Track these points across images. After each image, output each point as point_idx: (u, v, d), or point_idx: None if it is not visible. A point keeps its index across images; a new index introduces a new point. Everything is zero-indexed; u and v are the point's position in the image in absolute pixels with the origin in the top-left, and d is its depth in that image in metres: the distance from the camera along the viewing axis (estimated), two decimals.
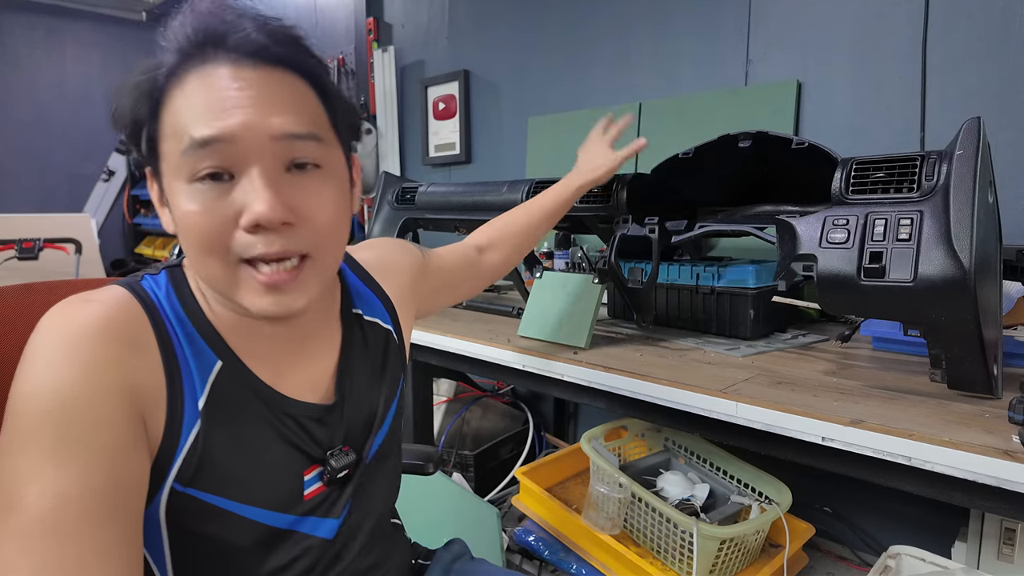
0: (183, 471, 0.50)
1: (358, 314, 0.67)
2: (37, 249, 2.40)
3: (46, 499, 0.41)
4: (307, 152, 0.50)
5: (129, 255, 4.76)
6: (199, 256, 0.49)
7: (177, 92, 0.48)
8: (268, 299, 0.49)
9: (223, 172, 0.47)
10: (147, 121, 0.49)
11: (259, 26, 0.48)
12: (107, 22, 4.80)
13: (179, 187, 0.48)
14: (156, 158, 0.50)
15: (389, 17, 2.81)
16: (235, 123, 0.46)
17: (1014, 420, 0.70)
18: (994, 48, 1.31)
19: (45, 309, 0.62)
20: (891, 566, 0.99)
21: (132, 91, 0.49)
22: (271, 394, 0.55)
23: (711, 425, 0.91)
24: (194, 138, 0.46)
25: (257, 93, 0.47)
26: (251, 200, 0.47)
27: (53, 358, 0.45)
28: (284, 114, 0.48)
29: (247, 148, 0.47)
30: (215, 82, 0.47)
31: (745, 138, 1.05)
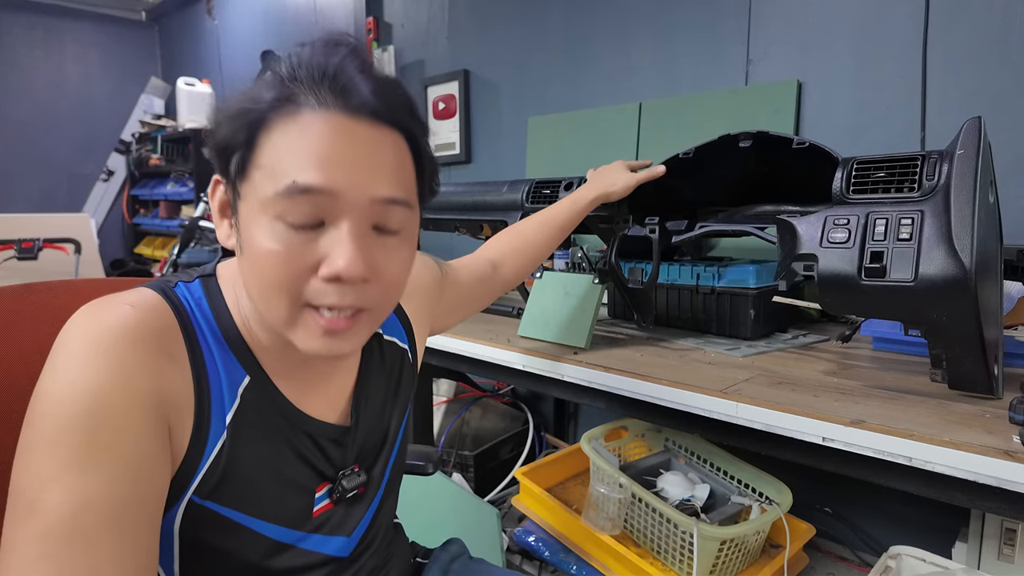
0: (204, 483, 0.50)
1: (377, 332, 0.67)
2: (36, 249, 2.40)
3: (69, 505, 0.41)
4: (396, 218, 0.50)
5: (128, 255, 4.75)
6: (266, 292, 0.48)
7: (284, 126, 0.47)
8: (322, 342, 0.49)
9: (312, 220, 0.47)
10: (242, 145, 0.48)
11: (377, 87, 0.48)
12: (107, 22, 4.80)
13: (262, 221, 0.47)
14: (240, 181, 0.49)
15: (389, 17, 2.81)
16: (342, 179, 0.46)
17: (1015, 420, 0.70)
18: (994, 48, 1.30)
19: (45, 309, 0.62)
20: (891, 566, 0.99)
21: (236, 116, 0.48)
22: (294, 412, 0.56)
23: (711, 425, 0.91)
24: (297, 183, 0.45)
25: (366, 153, 0.47)
26: (337, 254, 0.47)
27: (85, 360, 0.44)
28: (387, 179, 0.48)
29: (345, 204, 0.47)
30: (328, 131, 0.46)
31: (745, 138, 1.05)
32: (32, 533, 0.41)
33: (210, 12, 4.30)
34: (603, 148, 2.00)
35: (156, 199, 4.48)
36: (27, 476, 0.43)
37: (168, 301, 0.51)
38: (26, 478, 0.43)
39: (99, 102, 4.73)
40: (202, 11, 4.40)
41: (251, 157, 0.48)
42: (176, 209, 4.35)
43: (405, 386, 0.70)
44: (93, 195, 4.77)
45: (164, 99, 4.89)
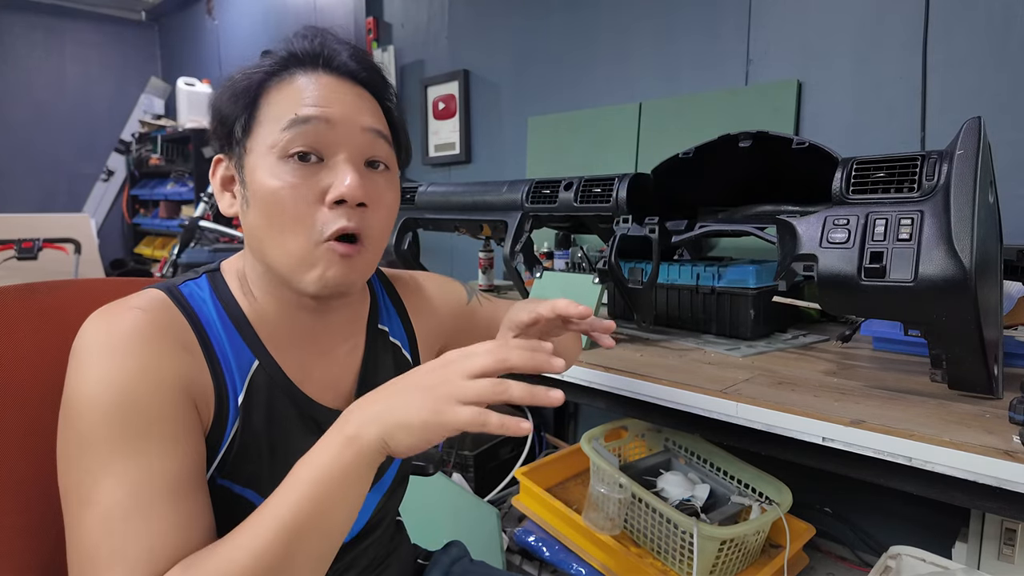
0: (223, 462, 0.54)
1: (384, 331, 0.70)
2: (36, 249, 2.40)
3: (122, 487, 0.45)
4: (382, 152, 0.58)
5: (128, 255, 4.76)
6: (280, 231, 0.54)
7: (279, 88, 0.55)
8: (335, 270, 0.54)
9: (313, 153, 0.54)
10: (243, 112, 0.55)
11: (353, 55, 0.58)
12: (107, 22, 4.80)
13: (267, 164, 0.53)
14: (245, 138, 0.56)
15: (389, 17, 2.81)
16: (334, 111, 0.54)
17: (1015, 420, 0.70)
18: (994, 48, 1.30)
19: (47, 309, 0.62)
20: (891, 566, 0.99)
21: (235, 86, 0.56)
22: (298, 394, 0.59)
23: (711, 425, 0.91)
24: (298, 115, 0.53)
25: (352, 98, 0.56)
26: (339, 179, 0.53)
27: (110, 358, 0.48)
28: (371, 114, 0.57)
29: (340, 133, 0.54)
30: (319, 83, 0.55)
31: (745, 138, 1.05)
32: (91, 521, 0.44)
33: (210, 12, 4.30)
34: (603, 148, 2.00)
35: (156, 199, 4.49)
36: (76, 475, 0.46)
37: (173, 299, 0.55)
38: (75, 477, 0.46)
39: (99, 102, 4.73)
40: (202, 11, 4.40)
41: (255, 115, 0.55)
42: (176, 209, 4.35)
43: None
44: (93, 195, 4.77)
45: (164, 99, 4.89)
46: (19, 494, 0.55)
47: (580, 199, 1.26)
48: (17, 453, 0.56)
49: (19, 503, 0.55)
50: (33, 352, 0.59)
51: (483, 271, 1.99)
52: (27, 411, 0.57)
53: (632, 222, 1.16)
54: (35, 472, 0.56)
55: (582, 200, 1.25)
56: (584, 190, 1.26)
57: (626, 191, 1.18)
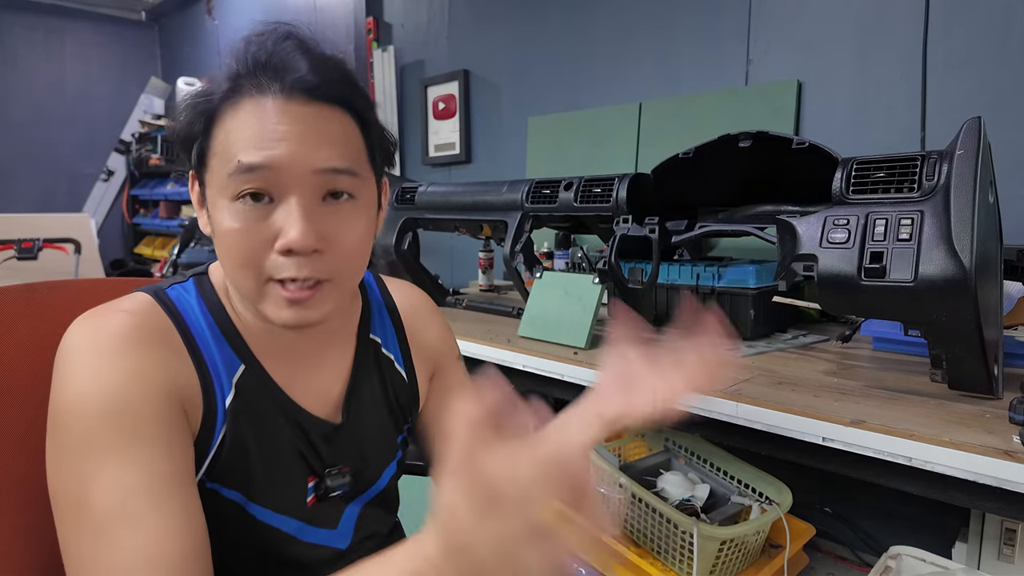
0: (212, 466, 0.53)
1: (375, 341, 0.68)
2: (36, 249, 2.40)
3: (114, 493, 0.44)
4: (344, 185, 0.52)
5: (128, 255, 4.76)
6: (234, 269, 0.52)
7: (231, 114, 0.51)
8: (289, 312, 0.52)
9: (264, 194, 0.50)
10: (200, 136, 0.52)
11: (313, 65, 0.51)
12: (107, 22, 4.80)
13: (222, 204, 0.51)
14: (203, 169, 0.53)
15: (389, 17, 2.81)
16: (280, 154, 0.49)
17: (1015, 420, 0.70)
18: (994, 48, 1.30)
19: (47, 310, 0.62)
20: (891, 566, 0.99)
21: (191, 109, 0.53)
22: (285, 400, 0.58)
23: (712, 425, 0.91)
24: (242, 162, 0.49)
25: (304, 128, 0.50)
26: (287, 227, 0.50)
27: (97, 365, 0.47)
28: (327, 149, 0.51)
29: (289, 177, 0.50)
30: (266, 113, 0.50)
31: (745, 138, 1.05)
32: (87, 528, 0.44)
33: (210, 12, 4.30)
34: (603, 148, 2.00)
35: (156, 199, 4.49)
36: (68, 482, 0.45)
37: (160, 302, 0.55)
38: (68, 483, 0.45)
39: (99, 102, 4.73)
40: (202, 11, 4.40)
41: (208, 146, 0.52)
42: (176, 209, 4.35)
43: (405, 405, 0.70)
44: (93, 195, 4.77)
45: (164, 99, 4.89)
46: (19, 493, 0.55)
47: (580, 199, 1.26)
48: (17, 452, 0.56)
49: (19, 503, 0.55)
50: (33, 352, 0.59)
51: (483, 271, 1.99)
52: (27, 410, 0.57)
53: (632, 222, 1.16)
54: (35, 471, 0.56)
55: (582, 200, 1.25)
56: (584, 190, 1.26)
57: (626, 191, 1.18)
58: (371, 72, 2.81)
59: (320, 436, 0.60)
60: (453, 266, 2.59)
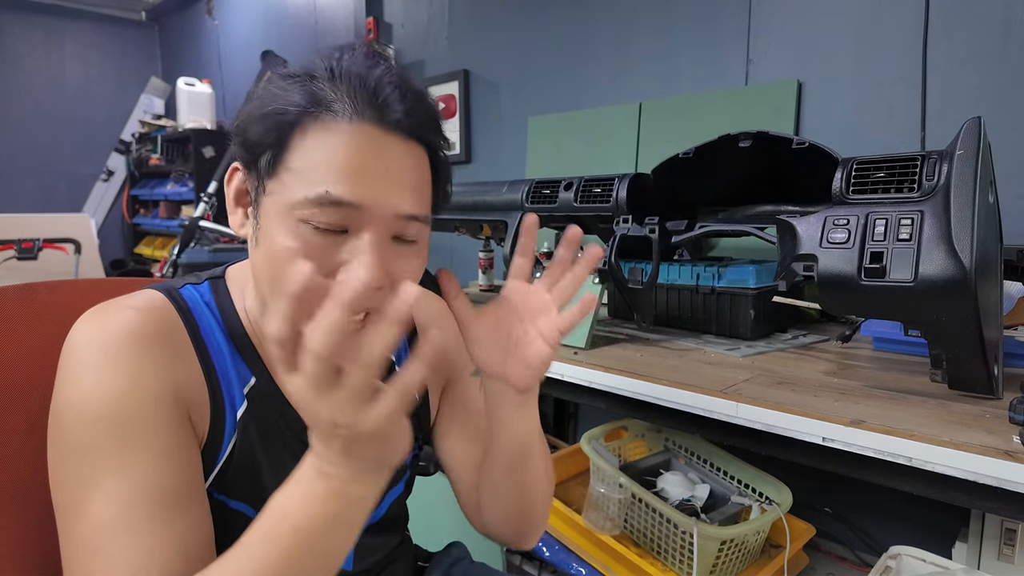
0: (220, 477, 0.52)
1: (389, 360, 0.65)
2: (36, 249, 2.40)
3: (112, 505, 0.43)
4: (414, 232, 0.51)
5: (128, 255, 4.75)
6: (279, 288, 0.48)
7: (316, 131, 0.47)
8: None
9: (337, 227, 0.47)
10: (274, 146, 0.48)
11: (411, 108, 0.49)
12: (107, 22, 4.80)
13: (287, 220, 0.47)
14: (270, 178, 0.49)
15: (389, 17, 2.81)
16: (372, 194, 0.47)
17: (1015, 420, 0.70)
18: (994, 48, 1.30)
19: (47, 309, 0.62)
20: (891, 566, 0.99)
21: (267, 117, 0.48)
22: (295, 417, 0.56)
23: (712, 425, 0.91)
24: (330, 194, 0.46)
25: (396, 170, 0.48)
26: (358, 263, 0.47)
27: (99, 366, 0.46)
28: (412, 194, 0.49)
29: (372, 217, 0.47)
30: (363, 144, 0.47)
31: (745, 138, 1.05)
32: (82, 535, 0.43)
33: (210, 12, 4.30)
34: (603, 148, 2.00)
35: (156, 199, 4.48)
36: (68, 486, 0.45)
37: (173, 302, 0.52)
38: (67, 488, 0.45)
39: (99, 102, 4.73)
40: (202, 11, 4.40)
41: (283, 157, 0.48)
42: (176, 209, 4.34)
43: (416, 424, 0.68)
44: (93, 195, 4.77)
45: (164, 99, 4.89)
46: (19, 493, 0.55)
47: (580, 199, 1.26)
48: (17, 452, 0.56)
49: (19, 502, 0.55)
50: (33, 352, 0.59)
51: (483, 271, 1.99)
52: (27, 411, 0.57)
53: (632, 222, 1.16)
54: (35, 471, 0.56)
55: (582, 200, 1.25)
56: (584, 190, 1.26)
57: (626, 191, 1.18)
58: None
59: None
60: (453, 266, 2.59)
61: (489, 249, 1.97)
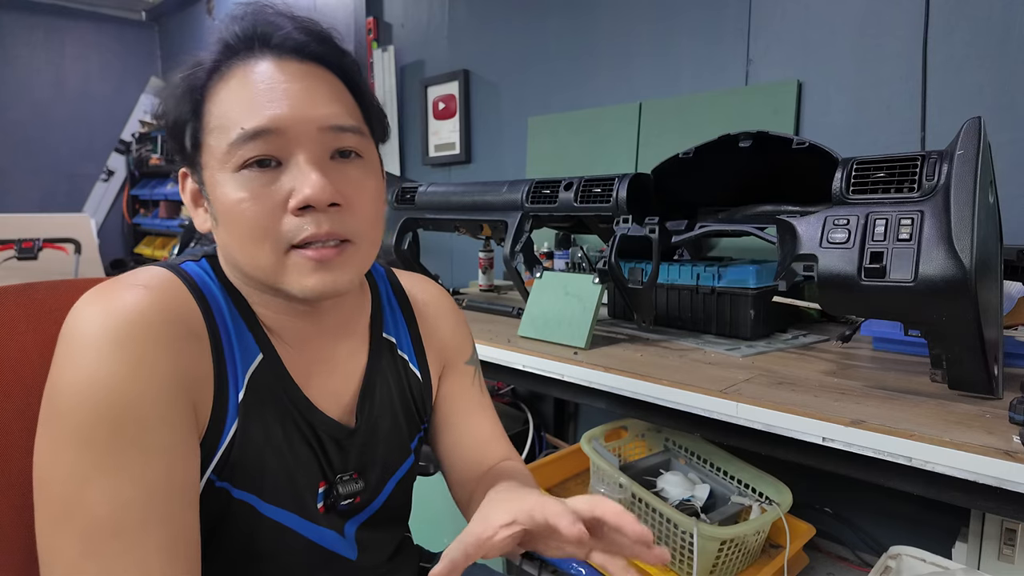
0: (220, 464, 0.50)
1: (390, 341, 0.65)
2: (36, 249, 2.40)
3: (107, 503, 0.41)
4: (350, 143, 0.51)
5: (128, 255, 4.76)
6: (248, 244, 0.49)
7: (222, 87, 0.49)
8: (315, 277, 0.50)
9: (271, 159, 0.48)
10: (191, 117, 0.50)
11: (298, 26, 0.50)
12: (107, 22, 4.80)
13: (224, 178, 0.49)
14: (198, 152, 0.51)
15: (389, 17, 2.81)
16: (284, 113, 0.48)
17: (1015, 420, 0.70)
18: (994, 48, 1.30)
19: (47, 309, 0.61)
20: (892, 567, 0.99)
21: (176, 88, 0.51)
22: (300, 397, 0.55)
23: (711, 425, 0.91)
24: (245, 129, 0.47)
25: (302, 86, 0.49)
26: (300, 183, 0.48)
27: (103, 351, 0.43)
28: (328, 106, 0.50)
29: (295, 136, 0.48)
30: (261, 76, 0.49)
31: (745, 138, 1.05)
32: (73, 533, 0.41)
33: (210, 12, 4.30)
34: (603, 148, 2.00)
35: (156, 199, 4.49)
36: (58, 475, 0.42)
37: (182, 279, 0.51)
38: (58, 477, 0.42)
39: (99, 102, 4.73)
40: (202, 11, 4.40)
41: (201, 125, 0.50)
42: (176, 209, 4.35)
43: (420, 407, 0.68)
44: (93, 195, 4.77)
45: None
46: (18, 494, 0.55)
47: (580, 199, 1.26)
48: (17, 453, 0.56)
49: (19, 503, 0.55)
50: (33, 352, 0.59)
51: (483, 271, 1.99)
52: (27, 411, 0.57)
53: (632, 222, 1.16)
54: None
55: (582, 200, 1.25)
56: (584, 190, 1.26)
57: (626, 191, 1.18)
58: (371, 72, 2.81)
59: (331, 439, 0.57)
60: (453, 266, 2.59)
61: (489, 249, 1.97)
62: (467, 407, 0.71)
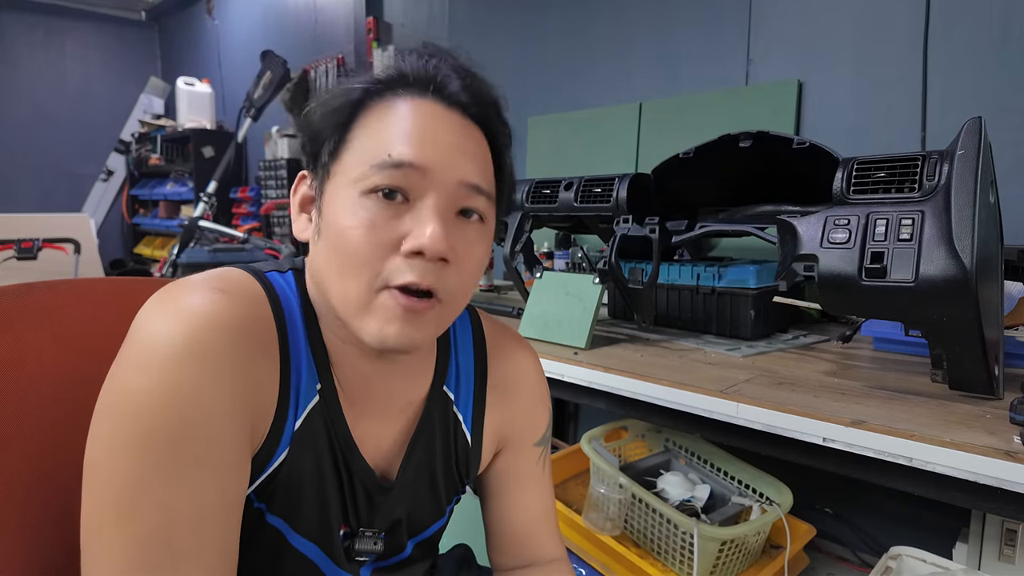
0: (262, 486, 0.50)
1: (447, 396, 0.61)
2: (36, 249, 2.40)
3: (160, 513, 0.41)
4: (479, 204, 0.51)
5: (128, 255, 4.76)
6: (343, 272, 0.47)
7: (382, 111, 0.49)
8: (397, 327, 0.47)
9: (400, 192, 0.47)
10: (339, 128, 0.50)
11: (474, 84, 0.52)
12: (107, 22, 4.80)
13: (349, 196, 0.47)
14: (332, 162, 0.50)
15: (389, 17, 2.81)
16: (433, 157, 0.48)
17: (1015, 421, 0.70)
18: (994, 48, 1.30)
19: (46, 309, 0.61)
20: (892, 567, 0.99)
21: (334, 98, 0.50)
22: (347, 437, 0.54)
23: (712, 426, 0.91)
24: (391, 156, 0.47)
25: (458, 139, 0.50)
26: (420, 228, 0.46)
27: (171, 358, 0.42)
28: (474, 165, 0.50)
29: (433, 180, 0.48)
30: (424, 116, 0.49)
31: (746, 138, 1.05)
32: (124, 538, 0.41)
33: (210, 12, 4.30)
34: (603, 148, 2.00)
35: (156, 199, 4.49)
36: (116, 478, 0.42)
37: (265, 289, 0.50)
38: (115, 480, 0.42)
39: (99, 102, 4.73)
40: (202, 11, 4.40)
41: (345, 139, 0.49)
42: (176, 209, 4.35)
43: (464, 471, 0.64)
44: (93, 195, 4.77)
45: (164, 99, 4.89)
46: (19, 495, 0.55)
47: (580, 199, 1.26)
48: (16, 452, 0.55)
49: (19, 504, 0.55)
50: (32, 352, 0.59)
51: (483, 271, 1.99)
52: (27, 411, 0.57)
53: (632, 222, 1.16)
54: (35, 473, 0.56)
55: (582, 200, 1.25)
56: (584, 190, 1.26)
57: (626, 191, 1.18)
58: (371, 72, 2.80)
59: (364, 491, 0.55)
60: None
61: None
62: (524, 484, 0.69)
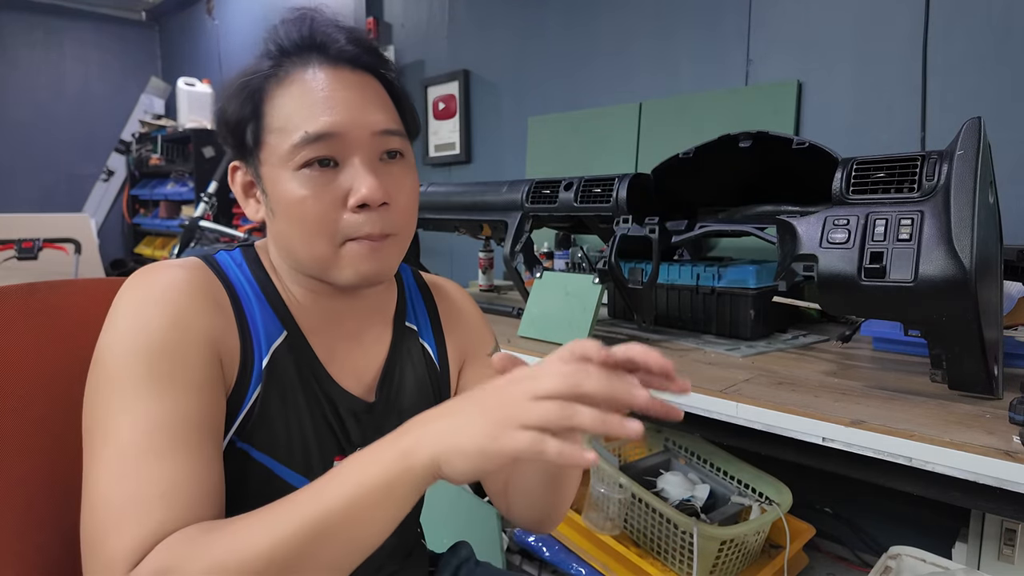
0: (243, 425, 0.55)
1: (412, 329, 0.69)
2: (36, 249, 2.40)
3: (139, 427, 0.46)
4: (396, 145, 0.58)
5: (128, 255, 4.75)
6: (306, 237, 0.55)
7: (281, 91, 0.55)
8: (368, 263, 0.56)
9: (330, 159, 0.54)
10: (252, 117, 0.55)
11: (350, 38, 0.56)
12: (107, 22, 4.80)
13: (286, 175, 0.54)
14: (258, 149, 0.56)
15: (389, 17, 2.81)
16: (343, 119, 0.54)
17: (1015, 421, 0.70)
18: (994, 48, 1.30)
19: (47, 309, 0.62)
20: (892, 567, 0.99)
21: (238, 92, 0.56)
22: (321, 371, 0.60)
23: (712, 425, 0.91)
24: (308, 133, 0.53)
25: (355, 94, 0.55)
26: (357, 184, 0.54)
27: (142, 309, 0.50)
28: (379, 112, 0.56)
29: (352, 140, 0.54)
30: (320, 84, 0.54)
31: (746, 138, 1.05)
32: (108, 457, 0.45)
33: (210, 12, 4.30)
34: (603, 148, 2.00)
35: (156, 199, 4.48)
36: (99, 411, 0.47)
37: (209, 265, 0.58)
38: (97, 415, 0.47)
39: (99, 102, 4.73)
40: (202, 11, 4.40)
41: (262, 125, 0.55)
42: (176, 209, 4.34)
43: (439, 395, 0.70)
44: (93, 195, 4.77)
45: (164, 99, 4.89)
46: (20, 493, 0.55)
47: (580, 199, 1.26)
48: (17, 452, 0.56)
49: (21, 501, 0.55)
50: (33, 351, 0.59)
51: (483, 271, 1.99)
52: (27, 411, 0.57)
53: (632, 222, 1.16)
54: (36, 471, 0.56)
55: (582, 200, 1.25)
56: (584, 190, 1.26)
57: (626, 191, 1.18)
58: None
59: (350, 412, 0.61)
60: (453, 266, 2.59)
61: (489, 249, 1.97)
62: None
